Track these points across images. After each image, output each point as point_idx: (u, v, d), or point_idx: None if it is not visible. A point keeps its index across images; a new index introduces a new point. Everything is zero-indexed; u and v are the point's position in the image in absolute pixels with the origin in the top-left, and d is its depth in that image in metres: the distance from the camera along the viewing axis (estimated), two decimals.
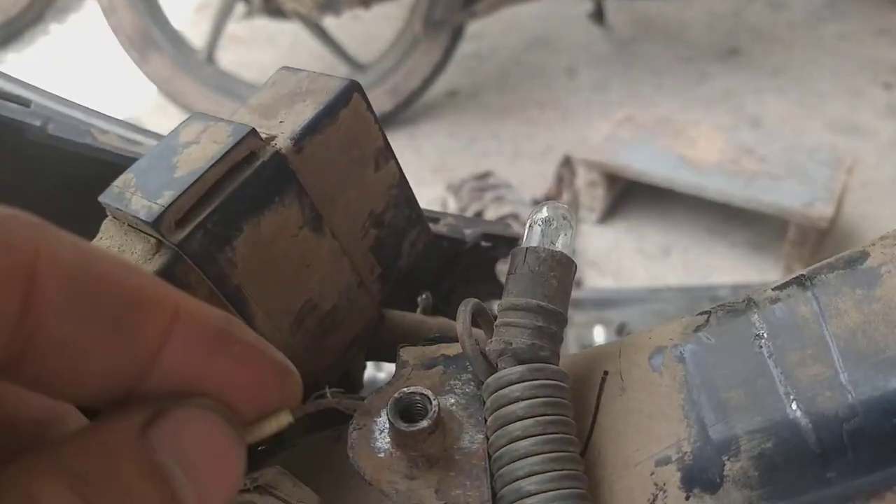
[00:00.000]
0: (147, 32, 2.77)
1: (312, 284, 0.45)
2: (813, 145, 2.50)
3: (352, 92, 0.43)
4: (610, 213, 2.50)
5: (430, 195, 2.55)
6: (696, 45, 3.26)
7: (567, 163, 2.58)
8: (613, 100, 2.98)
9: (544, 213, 0.42)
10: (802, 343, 0.38)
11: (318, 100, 0.43)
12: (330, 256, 0.45)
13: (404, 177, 0.49)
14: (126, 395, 0.23)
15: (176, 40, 2.93)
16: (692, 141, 2.43)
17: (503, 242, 0.69)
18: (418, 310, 0.61)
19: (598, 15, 3.27)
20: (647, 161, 2.36)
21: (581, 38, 3.37)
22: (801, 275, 0.40)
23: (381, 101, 2.81)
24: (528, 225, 0.42)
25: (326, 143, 0.43)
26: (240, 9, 2.84)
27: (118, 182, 0.41)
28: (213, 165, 0.38)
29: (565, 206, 0.42)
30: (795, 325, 0.38)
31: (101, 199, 0.41)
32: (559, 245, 0.41)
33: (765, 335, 0.39)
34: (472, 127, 2.95)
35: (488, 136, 2.90)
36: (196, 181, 0.38)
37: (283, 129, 0.42)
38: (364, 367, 0.60)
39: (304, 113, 0.42)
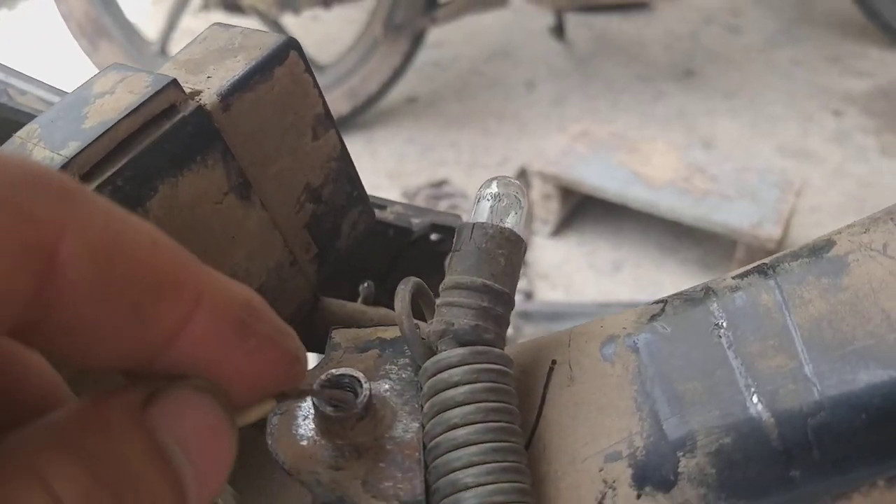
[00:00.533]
0: (98, 21, 2.68)
1: (238, 259, 0.41)
2: (763, 167, 2.53)
3: (288, 49, 0.40)
4: (563, 226, 2.50)
5: None
6: (654, 65, 3.30)
7: (522, 175, 2.57)
8: (571, 114, 2.98)
9: (494, 188, 0.39)
10: (764, 333, 0.35)
11: (250, 56, 0.39)
12: (258, 229, 0.41)
13: (346, 150, 0.46)
14: (135, 371, 0.23)
15: (128, 31, 2.84)
16: (646, 158, 2.44)
17: (453, 234, 0.66)
18: (359, 299, 0.57)
19: (559, 30, 3.29)
20: (601, 176, 2.36)
21: (541, 52, 3.38)
22: (763, 263, 0.38)
23: (338, 103, 2.76)
24: (476, 200, 0.39)
25: (258, 102, 0.39)
26: (197, 1, 2.77)
27: (21, 133, 0.36)
28: (126, 116, 0.34)
29: (517, 182, 0.39)
30: (757, 314, 0.36)
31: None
32: (509, 223, 0.38)
33: (724, 325, 0.36)
34: (430, 134, 2.92)
35: (446, 144, 2.88)
36: (106, 132, 0.34)
37: (210, 84, 0.38)
38: None
39: (235, 69, 0.39)
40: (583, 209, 2.52)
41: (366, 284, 0.57)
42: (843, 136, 2.85)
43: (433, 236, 0.69)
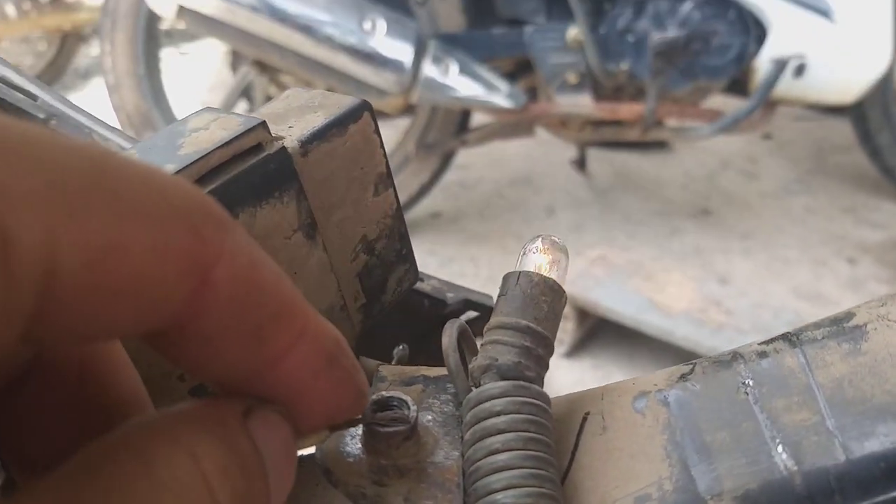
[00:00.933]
0: (147, 115, 2.83)
1: None
2: (778, 306, 2.56)
3: (363, 111, 0.44)
4: (578, 347, 2.51)
5: None
6: (671, 202, 3.40)
7: None
8: (588, 241, 3.05)
9: (539, 243, 0.42)
10: (788, 391, 0.37)
11: (329, 112, 0.44)
12: (318, 270, 0.45)
13: (400, 210, 0.50)
14: (234, 391, 0.25)
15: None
16: (662, 287, 2.48)
17: (486, 314, 0.69)
18: (393, 361, 0.60)
19: (581, 162, 3.42)
20: (617, 300, 2.40)
21: (562, 182, 3.50)
22: (788, 333, 0.41)
23: None
24: (521, 253, 0.42)
25: (332, 153, 0.43)
26: (241, 108, 2.93)
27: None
28: (219, 147, 0.39)
29: (560, 241, 0.43)
30: (781, 374, 0.38)
31: None
32: (552, 275, 0.41)
33: (750, 383, 0.38)
34: (451, 248, 3.00)
35: (466, 258, 2.94)
36: (200, 159, 0.38)
37: (291, 132, 0.43)
38: None
39: (315, 122, 0.43)
40: (598, 332, 2.54)
41: (401, 347, 0.59)
42: (858, 283, 2.88)
43: (465, 317, 0.71)
